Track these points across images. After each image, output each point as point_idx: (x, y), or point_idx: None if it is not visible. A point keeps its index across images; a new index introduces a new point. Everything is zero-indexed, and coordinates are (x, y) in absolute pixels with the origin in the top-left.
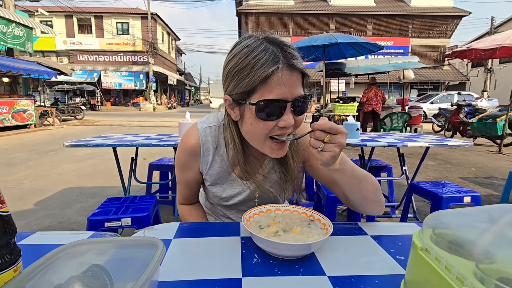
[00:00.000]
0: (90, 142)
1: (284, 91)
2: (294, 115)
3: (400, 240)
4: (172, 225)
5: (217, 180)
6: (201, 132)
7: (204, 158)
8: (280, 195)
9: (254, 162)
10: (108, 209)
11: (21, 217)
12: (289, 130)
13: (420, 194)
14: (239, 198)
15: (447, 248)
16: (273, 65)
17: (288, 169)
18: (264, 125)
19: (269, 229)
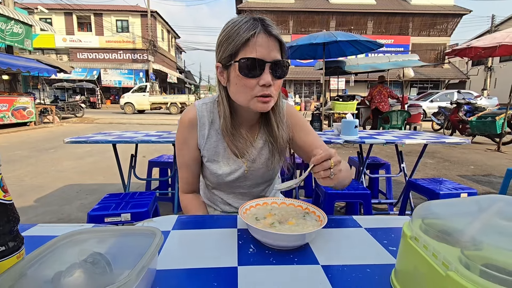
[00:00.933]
0: (90, 138)
1: (262, 53)
2: (273, 77)
3: (394, 232)
4: (170, 217)
5: (214, 156)
6: (198, 108)
7: (200, 132)
8: (269, 168)
9: (245, 138)
10: (108, 204)
11: (21, 213)
12: (270, 90)
13: (418, 191)
14: (235, 176)
15: (436, 236)
16: (252, 30)
17: (274, 138)
18: (246, 82)
19: (265, 220)
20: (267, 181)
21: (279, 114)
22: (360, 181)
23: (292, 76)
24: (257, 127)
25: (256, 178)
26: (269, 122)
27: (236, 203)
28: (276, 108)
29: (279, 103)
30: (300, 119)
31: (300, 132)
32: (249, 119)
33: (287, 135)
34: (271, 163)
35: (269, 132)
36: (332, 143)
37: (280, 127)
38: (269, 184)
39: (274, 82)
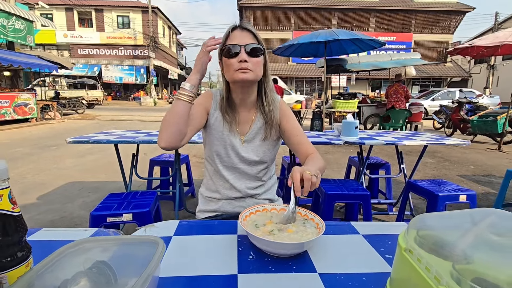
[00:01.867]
0: (92, 138)
1: (238, 40)
2: (248, 56)
3: (390, 239)
4: (172, 222)
5: (219, 129)
6: (213, 91)
7: (213, 103)
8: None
9: (243, 116)
10: (110, 204)
11: (24, 211)
12: (247, 65)
13: (417, 192)
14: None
15: (429, 249)
16: (231, 28)
17: (265, 113)
18: (229, 62)
19: (264, 228)
20: (263, 162)
21: (270, 95)
22: (360, 181)
23: (294, 73)
24: (254, 110)
25: (252, 152)
26: (262, 102)
27: (236, 183)
28: (267, 90)
29: (270, 87)
30: (288, 109)
31: (288, 118)
32: (246, 100)
33: (277, 115)
34: (264, 133)
35: (263, 109)
36: (333, 143)
37: (271, 105)
38: (266, 167)
39: (250, 60)
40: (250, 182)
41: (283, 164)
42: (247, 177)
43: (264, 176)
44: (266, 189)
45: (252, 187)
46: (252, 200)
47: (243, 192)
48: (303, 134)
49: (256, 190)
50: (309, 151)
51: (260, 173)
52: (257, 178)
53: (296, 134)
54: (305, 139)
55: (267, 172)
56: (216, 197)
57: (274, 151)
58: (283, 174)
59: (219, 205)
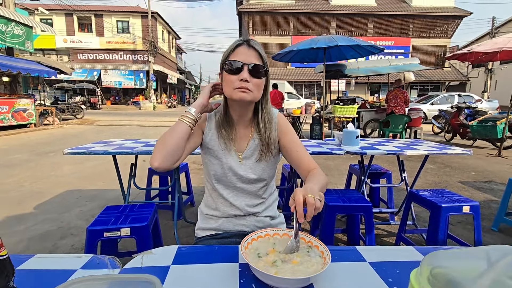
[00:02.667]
0: (90, 149)
1: (242, 57)
2: (250, 76)
3: (398, 268)
4: (170, 249)
5: (217, 145)
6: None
7: (208, 122)
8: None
9: (241, 134)
10: (107, 218)
11: (20, 221)
12: (247, 85)
13: (419, 202)
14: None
15: None
16: (238, 42)
17: (261, 133)
18: (230, 78)
19: (267, 258)
20: (262, 179)
21: (267, 114)
22: (361, 191)
23: (293, 77)
24: (251, 128)
25: (250, 171)
26: (259, 121)
27: (236, 201)
28: (264, 110)
29: (268, 107)
30: (287, 125)
31: (287, 134)
32: (243, 117)
33: (274, 133)
34: (259, 153)
35: (259, 129)
36: (334, 153)
37: (267, 126)
38: (265, 184)
39: (251, 80)
40: (250, 200)
41: (283, 172)
42: (246, 195)
43: (264, 193)
44: (267, 206)
45: (252, 204)
46: (253, 218)
47: (243, 210)
48: (304, 149)
49: (257, 208)
50: (310, 166)
51: (260, 191)
52: (257, 195)
53: (296, 150)
54: (305, 154)
55: (267, 189)
56: (215, 215)
57: (273, 168)
58: (283, 183)
59: (219, 223)
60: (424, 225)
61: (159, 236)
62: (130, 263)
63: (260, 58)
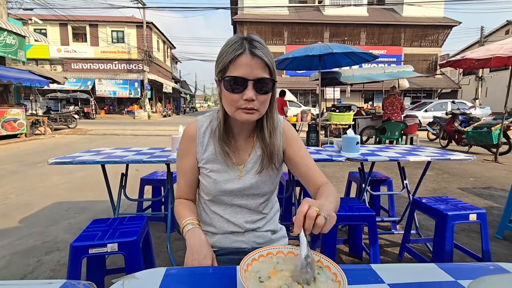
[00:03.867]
0: (76, 159)
1: (246, 71)
2: (256, 92)
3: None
4: (156, 272)
5: (213, 162)
6: (199, 120)
7: (199, 140)
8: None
9: (241, 147)
10: (93, 232)
11: (3, 236)
12: (253, 104)
13: (423, 210)
14: (232, 182)
15: None
16: (238, 50)
17: (266, 144)
18: (231, 97)
19: (270, 282)
20: (263, 194)
21: (272, 123)
22: (362, 199)
23: (288, 86)
24: (253, 138)
25: (250, 186)
26: (263, 130)
27: (234, 218)
28: (269, 119)
29: (273, 115)
30: (294, 134)
31: (294, 145)
32: (244, 128)
33: (280, 143)
34: (260, 165)
35: (263, 140)
36: (334, 160)
37: (272, 136)
38: (266, 199)
39: (257, 97)
40: (250, 216)
41: (281, 181)
42: (245, 211)
43: (264, 208)
44: (267, 220)
45: (252, 221)
46: (253, 233)
47: (242, 227)
48: (313, 162)
49: (257, 223)
50: (321, 181)
51: (260, 207)
52: (257, 211)
53: (305, 164)
54: (315, 169)
55: (268, 204)
56: (211, 231)
57: (275, 181)
58: (281, 192)
59: (214, 240)
60: (427, 233)
61: (150, 251)
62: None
63: (267, 67)
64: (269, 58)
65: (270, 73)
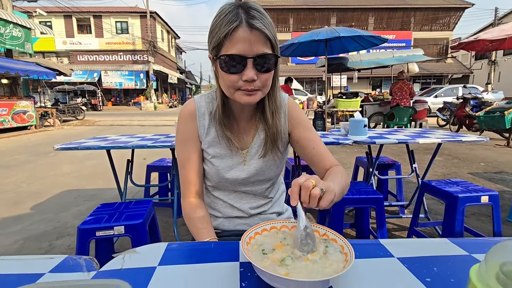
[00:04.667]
0: (82, 144)
1: (244, 47)
2: (257, 71)
3: (436, 264)
4: (158, 246)
5: (214, 148)
6: (196, 100)
7: (200, 122)
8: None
9: (244, 130)
10: (100, 216)
11: (16, 222)
12: (254, 84)
13: (433, 193)
14: (235, 169)
15: None
16: (234, 22)
17: (268, 125)
18: (229, 78)
19: (273, 255)
20: (269, 179)
21: (274, 102)
22: (369, 183)
23: (294, 74)
24: (255, 119)
25: (255, 173)
26: (264, 111)
27: (238, 203)
28: (271, 98)
29: (275, 94)
30: (301, 114)
31: (300, 127)
32: (246, 110)
33: (284, 125)
34: (263, 148)
35: (265, 121)
36: (341, 143)
37: (275, 116)
38: (272, 183)
39: (259, 77)
40: (256, 201)
41: (287, 166)
42: (251, 197)
43: (271, 192)
44: (273, 203)
45: (257, 206)
46: (258, 217)
47: (246, 212)
48: (322, 143)
49: (262, 207)
50: (331, 163)
51: (266, 191)
52: (263, 196)
53: (313, 146)
54: (323, 151)
55: (274, 187)
56: (215, 214)
57: (281, 165)
58: (287, 177)
59: (218, 222)
60: (436, 217)
61: (157, 233)
62: (108, 265)
63: (268, 41)
64: (271, 29)
65: (272, 47)
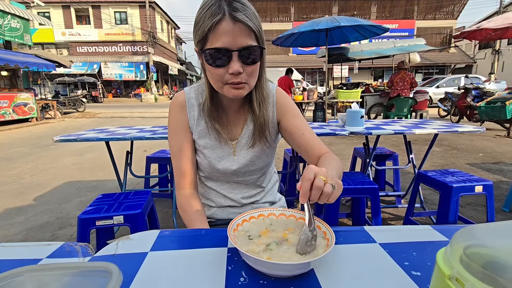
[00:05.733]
0: (81, 136)
1: (228, 40)
2: (242, 63)
3: (415, 249)
4: (150, 233)
5: (205, 139)
6: (186, 91)
7: (190, 113)
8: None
9: (232, 121)
10: (100, 206)
11: (20, 213)
12: (240, 77)
13: (428, 183)
14: (226, 160)
15: (483, 275)
16: (216, 15)
17: (255, 116)
18: (215, 71)
19: (259, 240)
20: (260, 169)
21: (261, 93)
22: (366, 173)
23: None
24: (244, 110)
25: (246, 163)
26: (252, 102)
27: (231, 193)
28: (257, 89)
29: (262, 85)
30: (289, 103)
31: (288, 115)
32: (234, 102)
33: (272, 114)
34: (252, 139)
35: (253, 112)
36: (337, 134)
37: (262, 106)
38: (263, 173)
39: (245, 69)
40: (248, 191)
41: (285, 157)
42: (243, 187)
43: (263, 182)
44: (266, 193)
45: (249, 195)
46: (251, 206)
47: (239, 202)
48: (311, 131)
49: (255, 197)
50: (321, 151)
51: (258, 181)
52: (255, 185)
53: (302, 133)
54: (313, 137)
55: (266, 176)
56: (208, 204)
57: (272, 154)
58: (285, 168)
59: (211, 212)
60: (432, 207)
61: (156, 223)
62: (102, 251)
63: (252, 32)
64: (255, 21)
65: (257, 38)
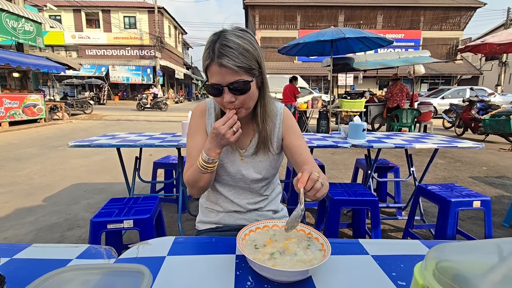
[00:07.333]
0: (94, 142)
1: (218, 78)
2: (233, 95)
3: (403, 262)
4: (167, 239)
5: None
6: (207, 101)
7: (208, 120)
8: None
9: (244, 135)
10: (111, 210)
11: (29, 213)
12: (234, 104)
13: (428, 197)
14: (235, 164)
15: (450, 286)
16: (208, 60)
17: (259, 129)
18: (215, 99)
19: (264, 249)
20: (265, 178)
21: (265, 111)
22: (367, 185)
23: (300, 72)
24: (253, 123)
25: (253, 170)
26: (256, 117)
27: (237, 199)
28: (261, 107)
29: (266, 103)
30: (294, 124)
31: (292, 135)
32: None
33: (278, 130)
34: (256, 148)
35: (257, 125)
36: (339, 147)
37: (265, 122)
38: (267, 183)
39: (237, 98)
40: (252, 198)
41: (288, 166)
42: (248, 193)
43: (266, 191)
44: (269, 201)
45: (254, 202)
46: (255, 212)
47: (244, 207)
48: (308, 153)
49: (259, 204)
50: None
51: (261, 189)
52: (259, 194)
53: (300, 153)
54: (309, 159)
55: (270, 186)
56: (216, 209)
57: (276, 166)
58: (288, 177)
59: (219, 217)
60: (432, 220)
61: (162, 228)
62: (125, 254)
63: (240, 68)
64: (240, 61)
65: (247, 70)
